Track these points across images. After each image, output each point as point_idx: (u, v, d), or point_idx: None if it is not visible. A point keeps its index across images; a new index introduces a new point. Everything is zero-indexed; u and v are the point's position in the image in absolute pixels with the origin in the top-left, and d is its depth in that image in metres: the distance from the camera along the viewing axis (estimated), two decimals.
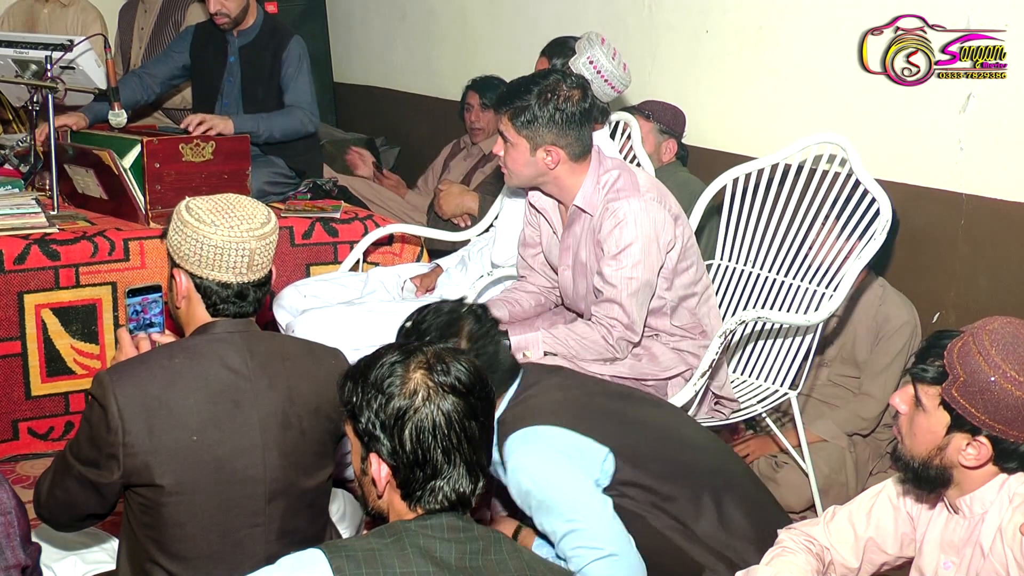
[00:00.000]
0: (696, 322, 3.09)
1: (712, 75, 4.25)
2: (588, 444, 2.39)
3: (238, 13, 4.30)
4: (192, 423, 2.10)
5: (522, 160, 2.91)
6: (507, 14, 5.41)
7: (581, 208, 2.95)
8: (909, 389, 2.08)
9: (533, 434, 2.38)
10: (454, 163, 5.16)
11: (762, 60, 4.04)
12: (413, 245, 4.13)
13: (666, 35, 4.42)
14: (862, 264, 3.13)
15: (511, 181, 3.01)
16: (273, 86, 4.34)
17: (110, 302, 3.64)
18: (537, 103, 2.85)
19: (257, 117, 4.25)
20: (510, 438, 2.39)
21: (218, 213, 2.16)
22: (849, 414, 3.53)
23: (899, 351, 3.48)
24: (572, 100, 2.86)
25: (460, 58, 5.74)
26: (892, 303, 3.53)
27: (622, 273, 2.82)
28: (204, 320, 2.20)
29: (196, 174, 3.81)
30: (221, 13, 4.28)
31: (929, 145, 3.51)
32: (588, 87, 2.95)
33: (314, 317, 3.29)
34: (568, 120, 2.86)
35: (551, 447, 2.36)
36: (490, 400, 1.88)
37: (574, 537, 2.30)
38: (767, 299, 3.46)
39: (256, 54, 4.36)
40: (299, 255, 3.97)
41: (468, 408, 1.82)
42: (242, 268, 2.17)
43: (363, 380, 1.83)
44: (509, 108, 2.88)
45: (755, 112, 4.10)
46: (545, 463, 2.35)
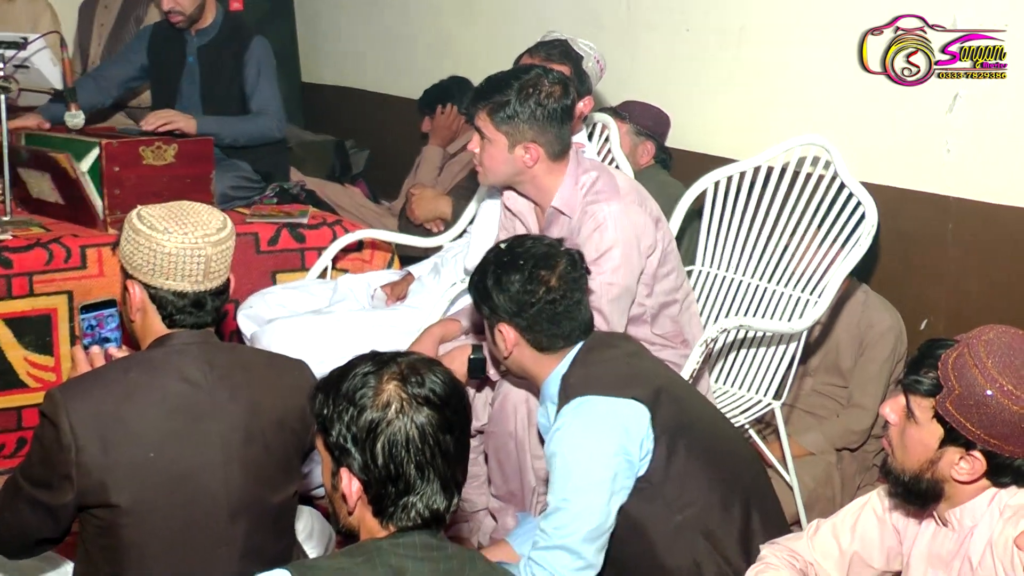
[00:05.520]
0: (677, 330, 3.08)
1: (692, 75, 4.24)
2: (638, 422, 2.39)
3: (193, 10, 4.25)
4: (149, 439, 2.08)
5: (500, 157, 2.89)
6: (482, 11, 5.40)
7: (559, 210, 2.92)
8: (900, 400, 2.07)
9: (591, 408, 2.40)
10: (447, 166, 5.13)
11: (744, 60, 4.04)
12: (384, 252, 4.10)
13: (645, 34, 4.41)
14: (847, 269, 3.14)
15: (486, 179, 2.99)
16: (234, 89, 4.29)
17: (66, 312, 3.60)
18: (518, 98, 2.83)
19: (222, 120, 4.21)
20: (572, 401, 2.41)
21: (171, 220, 2.14)
22: (839, 427, 3.53)
23: (886, 358, 3.48)
24: (554, 96, 2.85)
25: (433, 57, 5.72)
26: (875, 309, 3.53)
27: (602, 279, 2.80)
28: (160, 332, 2.18)
29: (157, 178, 3.77)
30: (175, 11, 4.22)
31: (916, 147, 3.52)
32: (569, 84, 2.93)
33: (280, 327, 3.27)
34: (549, 116, 2.84)
35: (599, 430, 2.38)
36: (466, 414, 1.86)
37: (557, 517, 2.34)
38: (749, 306, 3.46)
39: (216, 55, 4.32)
40: (265, 262, 3.94)
41: (443, 421, 1.79)
42: (198, 276, 2.15)
43: (335, 392, 1.82)
44: (488, 103, 2.86)
45: (737, 113, 4.10)
46: (583, 444, 2.37)
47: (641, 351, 2.64)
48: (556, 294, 2.45)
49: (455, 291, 3.36)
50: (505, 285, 2.46)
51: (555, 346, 2.50)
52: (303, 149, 5.81)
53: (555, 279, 2.46)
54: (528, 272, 2.45)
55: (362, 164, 6.26)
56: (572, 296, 2.48)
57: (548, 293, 2.45)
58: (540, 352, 2.51)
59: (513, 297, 2.46)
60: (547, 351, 2.51)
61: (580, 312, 2.52)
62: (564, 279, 2.47)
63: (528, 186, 2.96)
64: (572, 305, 2.49)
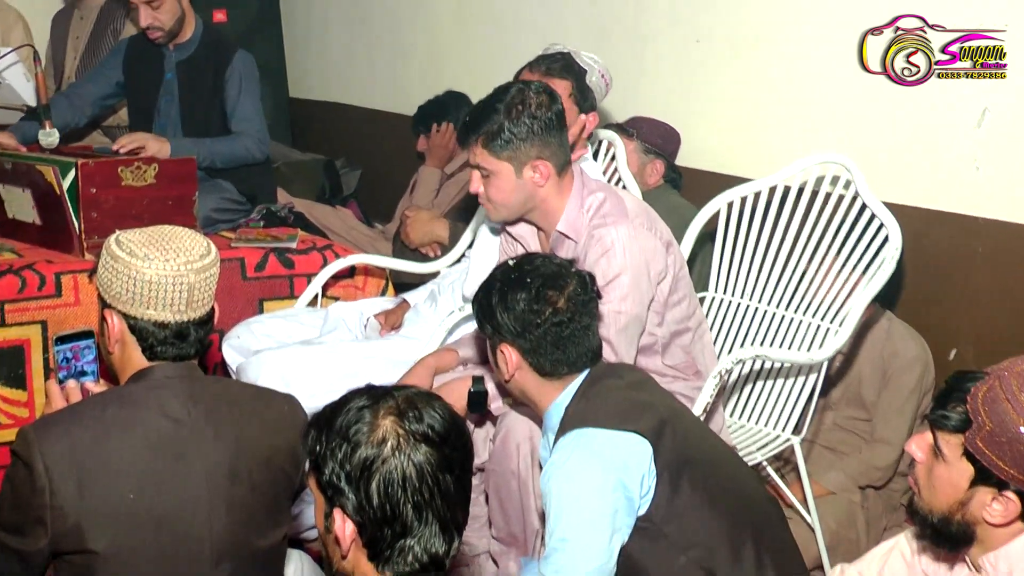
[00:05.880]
0: (690, 361, 3.08)
1: (703, 88, 4.26)
2: (639, 457, 2.39)
3: (173, 25, 4.24)
4: (129, 479, 2.08)
5: (508, 186, 2.90)
6: (480, 23, 5.42)
7: (564, 234, 2.93)
8: (927, 436, 2.07)
9: (588, 441, 2.39)
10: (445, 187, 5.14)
11: (758, 71, 4.05)
12: (377, 278, 4.10)
13: (653, 45, 4.43)
14: (870, 295, 3.13)
15: (498, 215, 2.99)
16: (215, 106, 4.29)
17: (39, 343, 3.59)
18: (509, 120, 2.84)
19: (198, 141, 4.20)
20: (569, 434, 2.41)
21: (151, 246, 2.15)
22: (861, 464, 3.52)
23: (911, 390, 3.48)
24: (544, 106, 2.87)
25: (429, 71, 5.74)
26: (900, 337, 3.53)
27: (610, 307, 2.80)
28: (140, 365, 2.19)
29: (137, 200, 3.76)
30: (154, 27, 4.22)
31: (942, 164, 3.52)
32: (555, 93, 2.94)
33: (268, 358, 3.26)
34: (547, 127, 2.87)
35: (597, 464, 2.36)
36: (467, 451, 1.86)
37: (556, 559, 2.33)
38: (766, 335, 3.45)
39: (195, 71, 4.32)
40: (251, 289, 3.93)
41: (442, 460, 1.80)
42: (180, 305, 2.15)
43: (328, 427, 1.82)
44: (480, 135, 2.87)
45: (751, 129, 4.11)
46: (579, 479, 2.36)
47: (646, 382, 2.64)
48: (563, 316, 2.46)
49: (453, 320, 3.36)
50: (510, 303, 2.46)
51: (559, 372, 2.50)
52: (291, 169, 5.80)
53: (563, 301, 2.47)
54: (535, 291, 2.46)
55: (354, 184, 6.26)
56: (580, 320, 2.49)
57: (555, 315, 2.45)
58: (543, 377, 2.51)
59: (518, 317, 2.46)
60: (550, 377, 2.51)
61: (588, 338, 2.52)
62: (573, 301, 2.48)
63: (537, 212, 2.97)
64: (579, 330, 2.49)
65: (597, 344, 2.56)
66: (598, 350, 2.57)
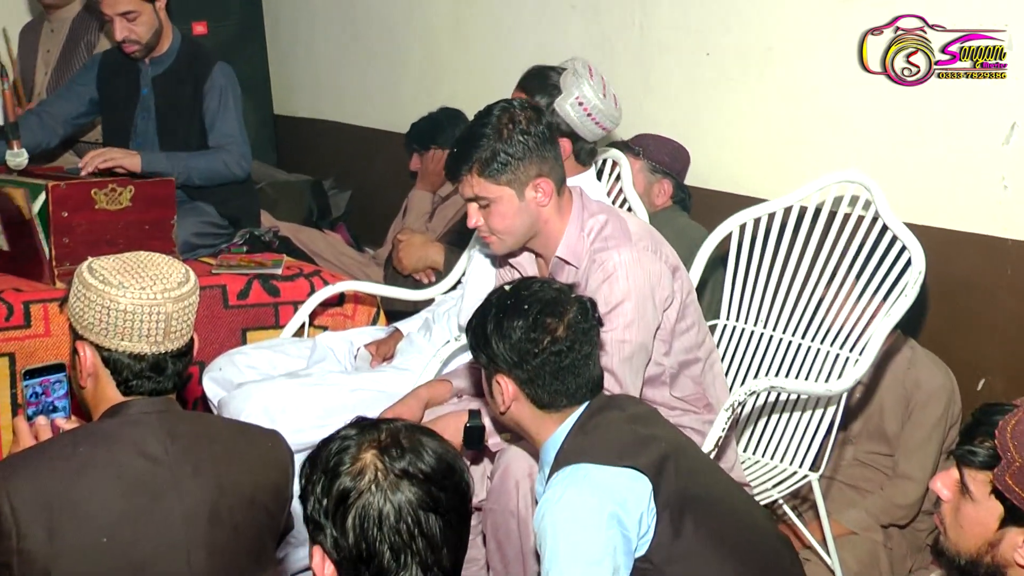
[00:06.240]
0: (700, 393, 3.08)
1: (714, 104, 4.27)
2: (637, 494, 2.38)
3: (150, 38, 4.25)
4: (102, 522, 2.07)
5: (512, 212, 2.91)
6: (478, 36, 5.43)
7: (564, 260, 2.94)
8: (953, 472, 2.06)
9: (582, 478, 2.38)
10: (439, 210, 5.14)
11: (771, 86, 4.07)
12: (368, 306, 4.11)
13: (660, 59, 4.44)
14: (892, 322, 3.13)
15: (504, 246, 2.99)
16: (195, 122, 4.29)
17: (7, 377, 3.60)
18: (501, 142, 2.85)
19: (173, 156, 4.20)
20: (563, 470, 2.41)
21: (127, 273, 2.15)
22: (883, 501, 3.52)
23: (936, 422, 3.48)
24: (533, 120, 2.89)
25: (424, 86, 5.75)
26: (923, 366, 3.53)
27: (613, 336, 2.81)
28: (115, 400, 2.19)
29: (112, 224, 3.78)
30: (130, 40, 4.22)
31: (968, 183, 3.53)
32: (539, 107, 2.96)
33: (251, 392, 3.26)
34: (541, 141, 2.88)
35: (592, 502, 2.35)
36: (460, 492, 1.85)
37: None
38: (781, 365, 3.45)
39: (173, 85, 4.33)
40: (234, 318, 3.95)
41: (427, 500, 1.79)
42: (157, 336, 2.16)
43: (314, 459, 1.83)
44: (472, 164, 2.88)
45: (765, 146, 4.12)
46: (574, 517, 2.34)
47: (650, 415, 2.64)
48: (563, 345, 2.45)
49: (449, 350, 3.35)
50: (507, 331, 2.46)
51: (557, 404, 2.50)
52: (276, 190, 5.80)
53: (562, 328, 2.46)
54: (533, 319, 2.45)
55: (343, 207, 6.25)
56: (580, 349, 2.48)
57: (554, 344, 2.45)
58: (540, 409, 2.51)
59: (515, 345, 2.45)
60: (548, 409, 2.50)
61: (588, 368, 2.51)
62: (573, 329, 2.47)
63: (539, 236, 2.98)
64: (580, 359, 2.48)
65: (598, 374, 2.56)
66: (599, 381, 2.57)
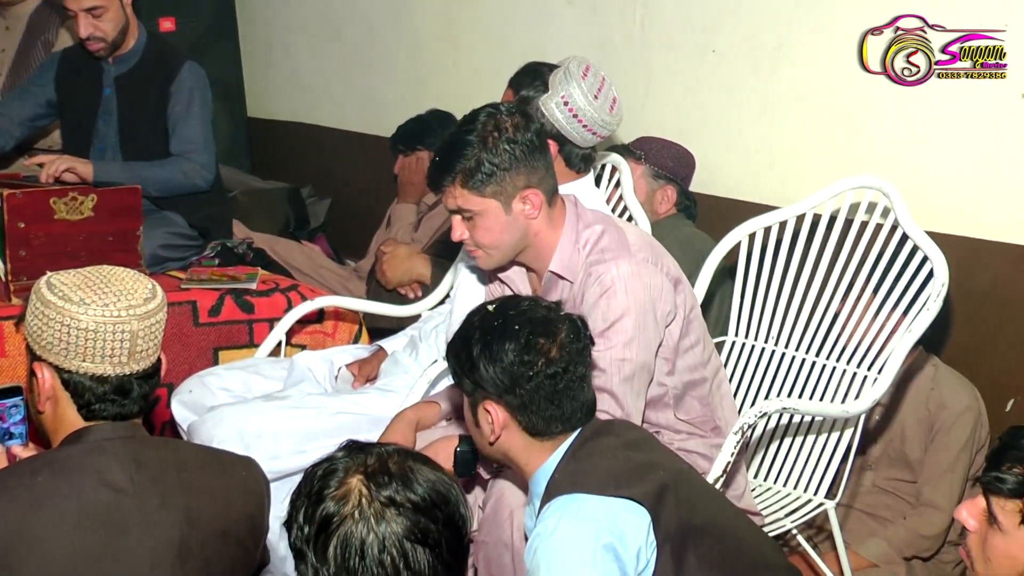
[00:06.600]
0: (707, 415, 3.08)
1: (720, 105, 4.28)
2: (635, 527, 2.38)
3: (116, 35, 4.26)
4: (62, 558, 2.06)
5: (499, 226, 2.90)
6: (467, 34, 5.44)
7: (558, 274, 2.93)
8: (980, 501, 2.06)
9: (576, 509, 2.38)
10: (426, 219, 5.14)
11: (783, 85, 4.08)
12: (349, 323, 4.10)
13: (663, 56, 4.45)
14: (913, 339, 3.13)
15: (491, 261, 2.99)
16: (159, 126, 4.29)
17: None
18: (486, 151, 2.85)
19: (128, 165, 4.20)
20: (555, 500, 2.40)
21: (88, 289, 2.14)
22: (906, 532, 3.51)
23: (963, 446, 3.48)
24: (521, 127, 2.88)
25: (410, 87, 5.75)
26: (948, 386, 3.53)
27: (612, 354, 2.80)
28: (76, 425, 2.18)
29: (72, 236, 3.77)
30: (95, 37, 4.22)
31: (993, 188, 3.54)
32: (528, 112, 2.98)
33: (224, 416, 3.26)
34: (529, 149, 2.87)
35: (587, 535, 2.35)
36: (454, 525, 1.85)
37: None
38: (794, 385, 3.45)
39: (138, 86, 4.32)
40: (205, 337, 3.94)
41: (415, 532, 1.80)
42: (122, 356, 2.15)
43: (300, 484, 1.85)
44: (455, 174, 2.87)
45: (775, 150, 4.13)
46: (568, 552, 2.34)
47: (645, 440, 2.63)
48: (558, 367, 2.45)
49: (436, 370, 3.35)
50: (496, 355, 2.45)
51: (552, 431, 2.49)
52: (250, 198, 5.81)
53: (556, 349, 2.46)
54: (525, 340, 2.45)
55: (322, 216, 6.26)
56: (575, 370, 2.48)
57: (548, 366, 2.44)
58: (532, 437, 2.50)
59: (507, 369, 2.44)
60: (542, 436, 2.50)
61: (583, 390, 2.51)
62: (567, 349, 2.47)
63: (530, 250, 2.98)
64: (575, 381, 2.48)
65: (592, 397, 2.56)
66: (593, 404, 2.57)
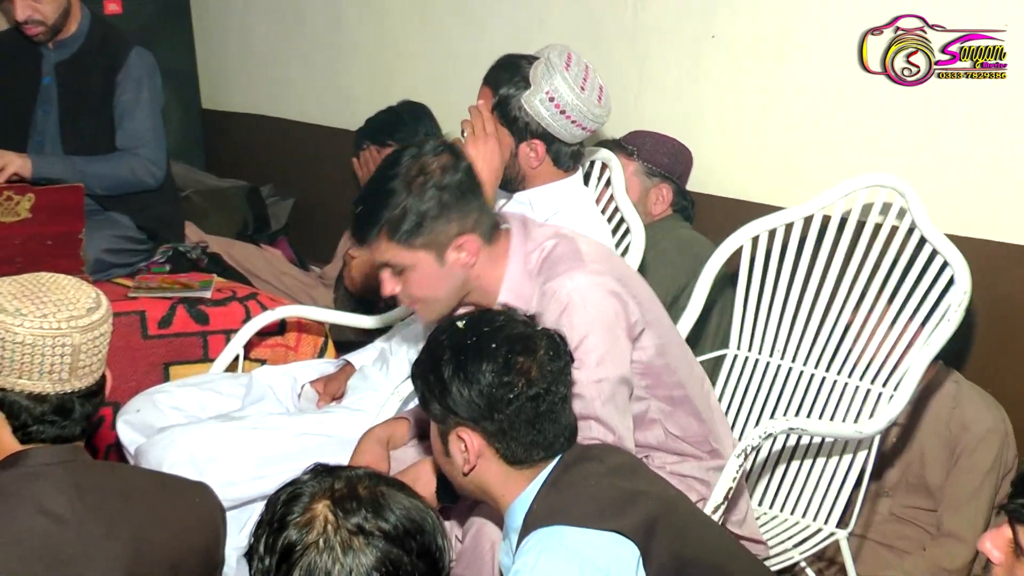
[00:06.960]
0: (703, 435, 3.06)
1: (720, 96, 4.29)
2: (623, 563, 2.36)
3: (57, 18, 4.28)
4: None
5: (433, 278, 2.89)
6: (443, 16, 5.46)
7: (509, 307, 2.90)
8: (1006, 531, 2.06)
9: (558, 543, 2.36)
10: None
11: (788, 76, 4.08)
12: (314, 335, 4.12)
13: (657, 43, 4.46)
14: (932, 352, 3.13)
15: (432, 313, 2.97)
16: (104, 118, 4.32)
17: None
18: (412, 197, 2.82)
19: (69, 160, 4.22)
20: (534, 534, 2.38)
21: (25, 298, 2.15)
22: (927, 564, 3.52)
23: (987, 470, 3.48)
24: (449, 168, 2.86)
25: (378, 77, 5.78)
26: (971, 404, 3.54)
27: (587, 376, 2.77)
28: (11, 449, 2.19)
29: (8, 240, 3.81)
30: (33, 21, 4.24)
31: (1019, 188, 3.54)
32: (456, 148, 2.94)
33: (175, 438, 3.24)
34: (460, 191, 2.85)
35: (574, 568, 2.33)
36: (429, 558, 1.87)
37: None
38: (802, 403, 3.46)
39: (81, 73, 4.34)
40: (154, 350, 3.96)
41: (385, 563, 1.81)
42: (62, 373, 2.15)
43: (263, 510, 1.88)
44: (380, 227, 2.84)
45: (779, 146, 4.14)
46: None
47: (631, 466, 2.62)
48: (539, 388, 2.43)
49: (409, 386, 3.33)
50: (472, 376, 2.42)
51: (532, 458, 2.47)
52: (205, 198, 5.84)
53: (536, 368, 2.44)
54: (503, 359, 2.42)
55: (284, 218, 6.28)
56: (557, 391, 2.46)
57: (529, 387, 2.42)
58: (511, 466, 2.48)
59: (484, 392, 2.42)
60: (520, 465, 2.48)
61: (565, 412, 2.50)
62: (547, 368, 2.45)
63: (474, 293, 2.97)
64: (557, 403, 2.46)
65: (573, 420, 2.55)
66: (575, 428, 2.55)
